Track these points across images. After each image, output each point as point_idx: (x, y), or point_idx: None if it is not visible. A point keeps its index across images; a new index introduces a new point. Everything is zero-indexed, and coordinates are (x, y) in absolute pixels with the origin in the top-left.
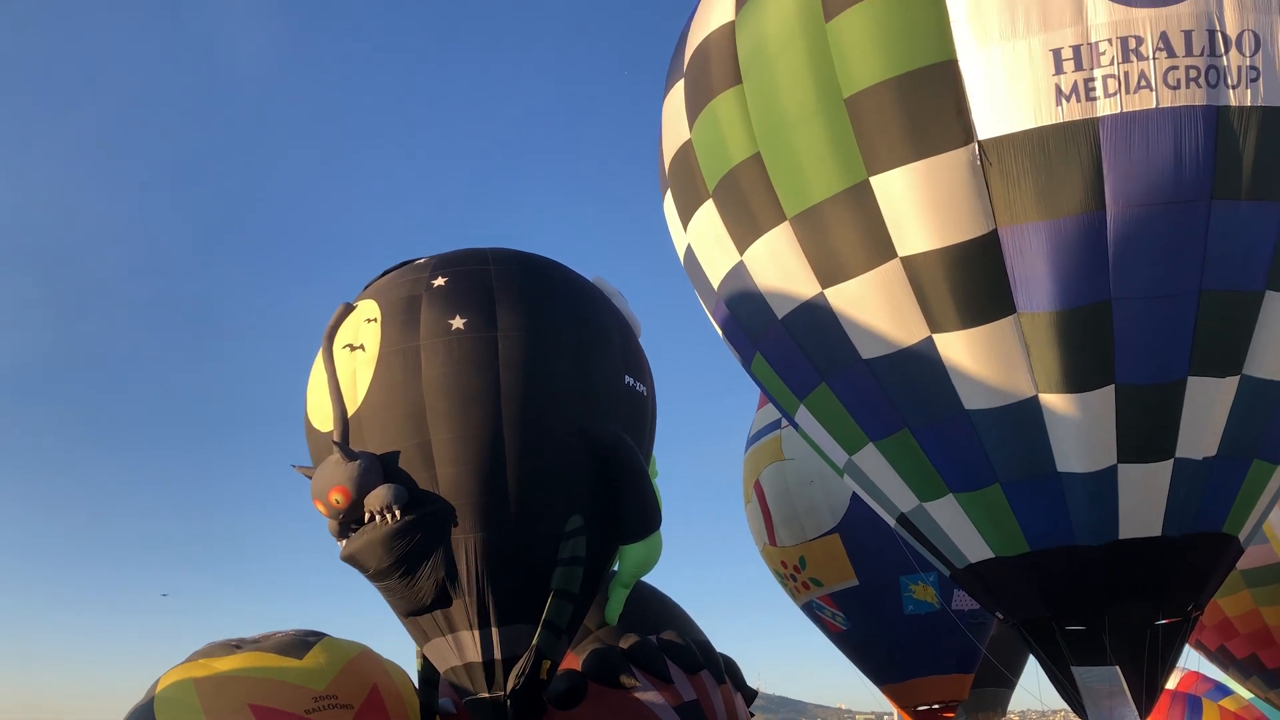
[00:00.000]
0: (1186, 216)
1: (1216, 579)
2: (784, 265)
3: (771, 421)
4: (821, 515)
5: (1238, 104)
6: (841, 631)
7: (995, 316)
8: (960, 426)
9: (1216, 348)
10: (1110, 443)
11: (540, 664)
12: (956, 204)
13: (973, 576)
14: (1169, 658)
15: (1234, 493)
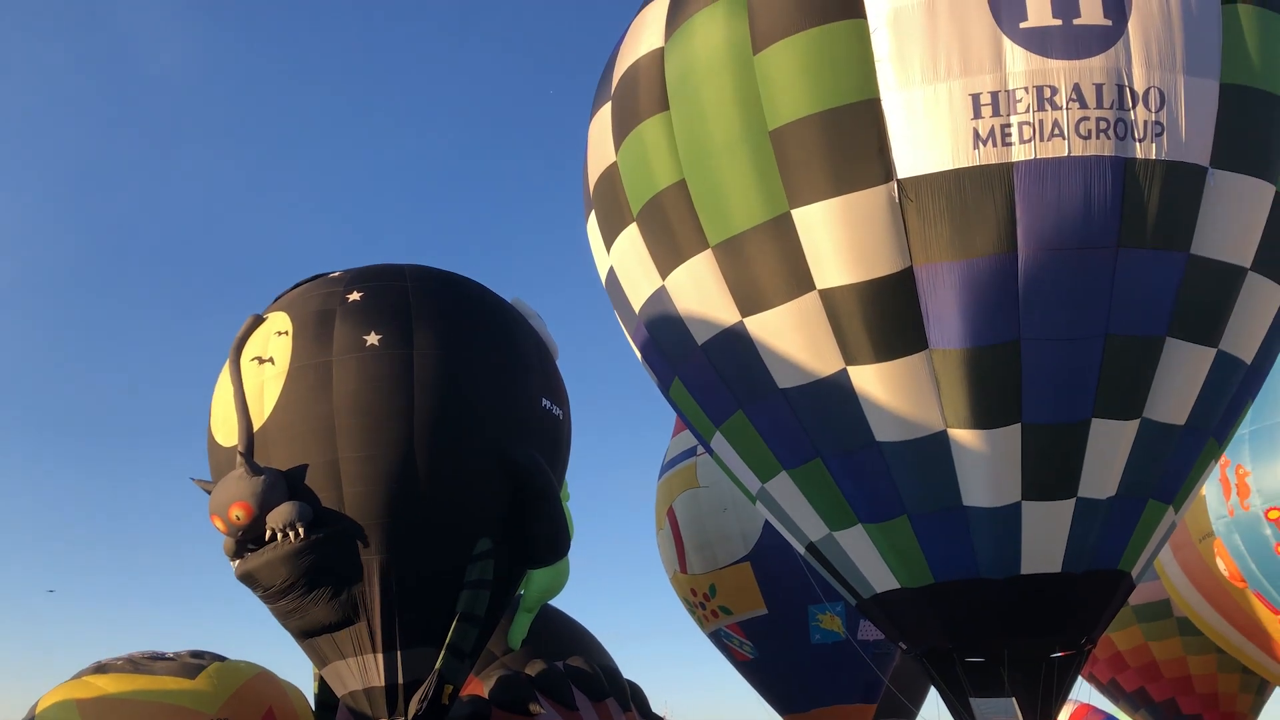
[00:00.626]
0: (1094, 262)
1: (1110, 614)
2: (705, 292)
3: (687, 449)
4: (734, 543)
5: (1143, 156)
6: (749, 660)
7: (908, 351)
8: (871, 458)
9: (1119, 391)
10: (1015, 479)
11: (442, 689)
12: (874, 240)
13: (878, 606)
14: (1063, 689)
15: (1130, 531)
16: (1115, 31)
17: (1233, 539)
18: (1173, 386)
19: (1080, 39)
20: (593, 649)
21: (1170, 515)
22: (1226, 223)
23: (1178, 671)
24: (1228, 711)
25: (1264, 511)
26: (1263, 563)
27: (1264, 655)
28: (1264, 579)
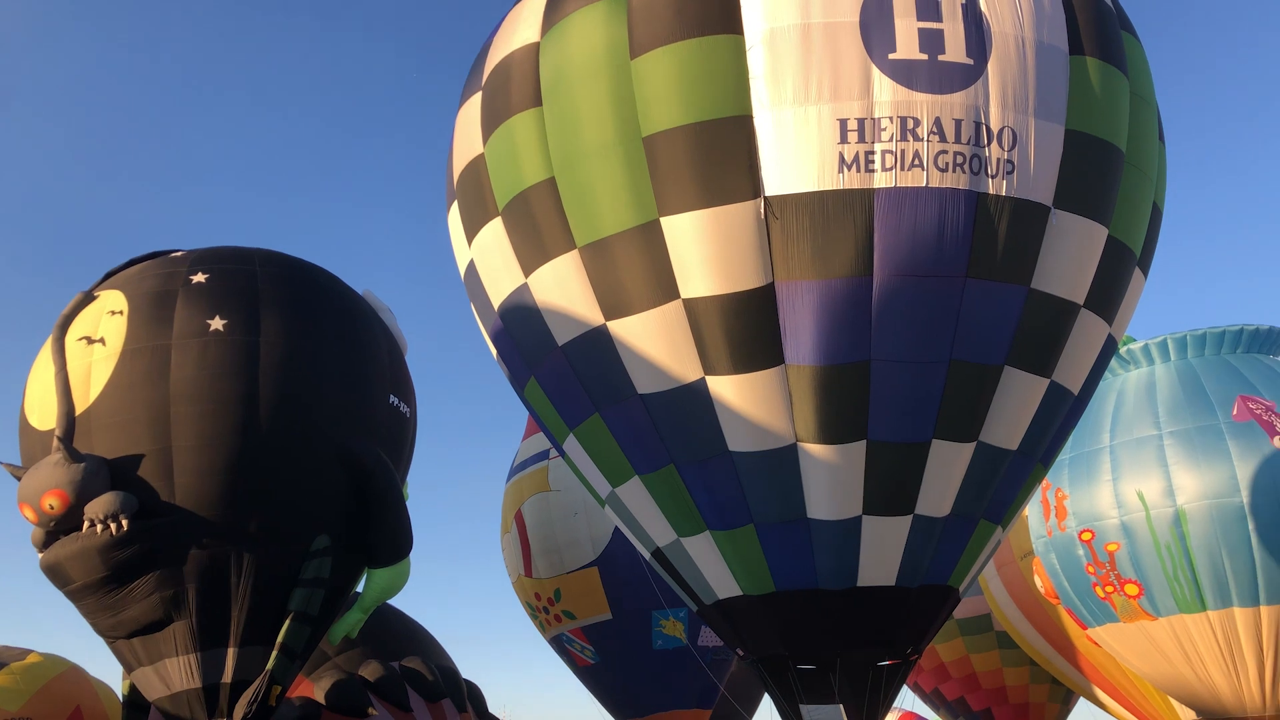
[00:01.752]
0: (944, 290)
1: (937, 626)
2: (569, 293)
3: (539, 452)
4: (582, 548)
5: (994, 192)
6: (589, 665)
7: (765, 365)
8: (723, 467)
9: (959, 414)
10: (858, 494)
11: (270, 690)
12: (739, 254)
13: (719, 613)
14: (888, 697)
15: (961, 549)
16: (976, 71)
17: (1049, 558)
18: (1008, 413)
19: (944, 75)
20: (431, 649)
21: (998, 534)
22: (1064, 261)
23: (995, 682)
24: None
25: (1078, 533)
26: (1074, 581)
27: (1071, 668)
28: (1075, 596)
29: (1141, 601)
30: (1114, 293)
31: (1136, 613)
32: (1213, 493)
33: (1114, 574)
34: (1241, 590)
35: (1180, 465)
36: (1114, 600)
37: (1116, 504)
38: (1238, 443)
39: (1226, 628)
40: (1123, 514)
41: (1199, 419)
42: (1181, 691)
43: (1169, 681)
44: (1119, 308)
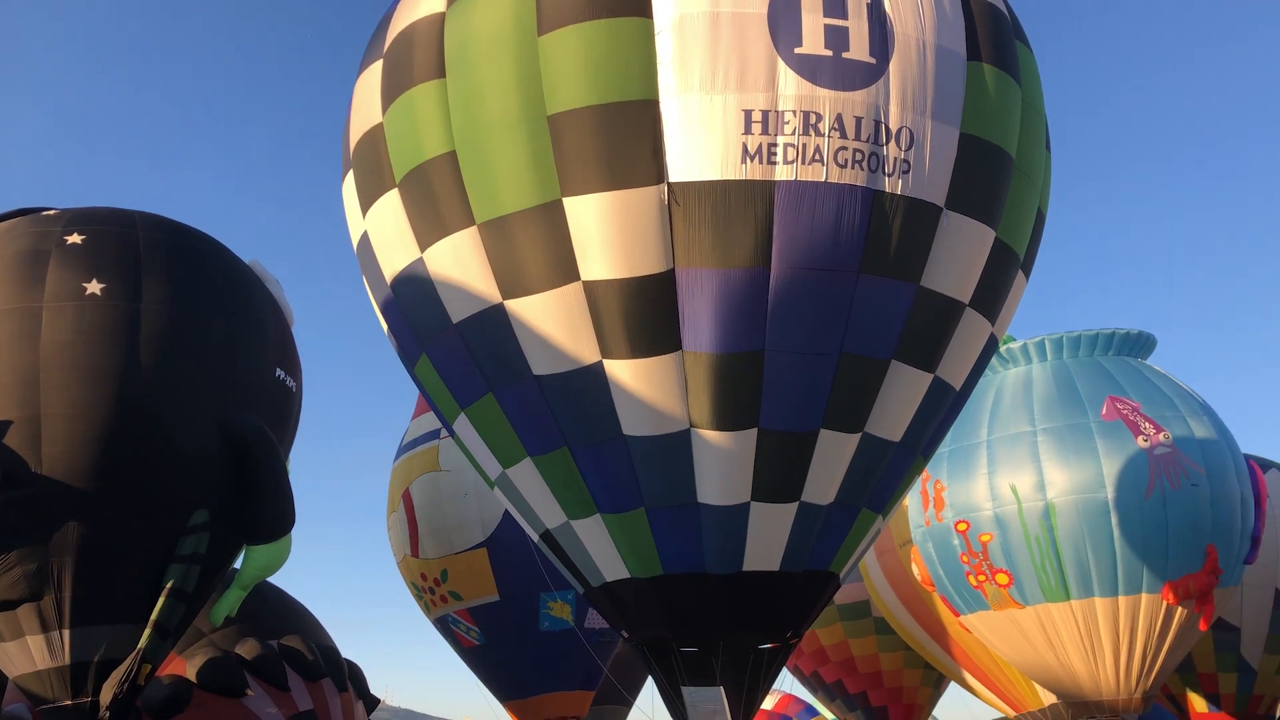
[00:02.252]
0: (838, 284)
1: (817, 611)
2: (466, 269)
3: (429, 431)
4: (471, 529)
5: (890, 191)
6: (474, 646)
7: (662, 351)
8: (617, 450)
9: (847, 406)
10: (747, 481)
11: (139, 669)
12: (641, 239)
13: (606, 595)
14: (768, 680)
15: (844, 536)
16: (878, 70)
17: (927, 547)
18: (893, 406)
19: (847, 72)
20: (310, 628)
21: (879, 523)
22: (953, 260)
23: (871, 666)
24: (909, 703)
25: (954, 524)
26: (949, 570)
27: (943, 653)
28: (949, 584)
29: (1011, 590)
30: (998, 293)
31: (1006, 601)
32: (1080, 488)
33: (986, 564)
34: (1102, 581)
35: (1051, 461)
36: (985, 589)
37: (991, 497)
38: (1105, 441)
39: (1088, 616)
40: (996, 506)
41: (1070, 417)
42: (1044, 676)
43: (1033, 667)
44: (1002, 308)
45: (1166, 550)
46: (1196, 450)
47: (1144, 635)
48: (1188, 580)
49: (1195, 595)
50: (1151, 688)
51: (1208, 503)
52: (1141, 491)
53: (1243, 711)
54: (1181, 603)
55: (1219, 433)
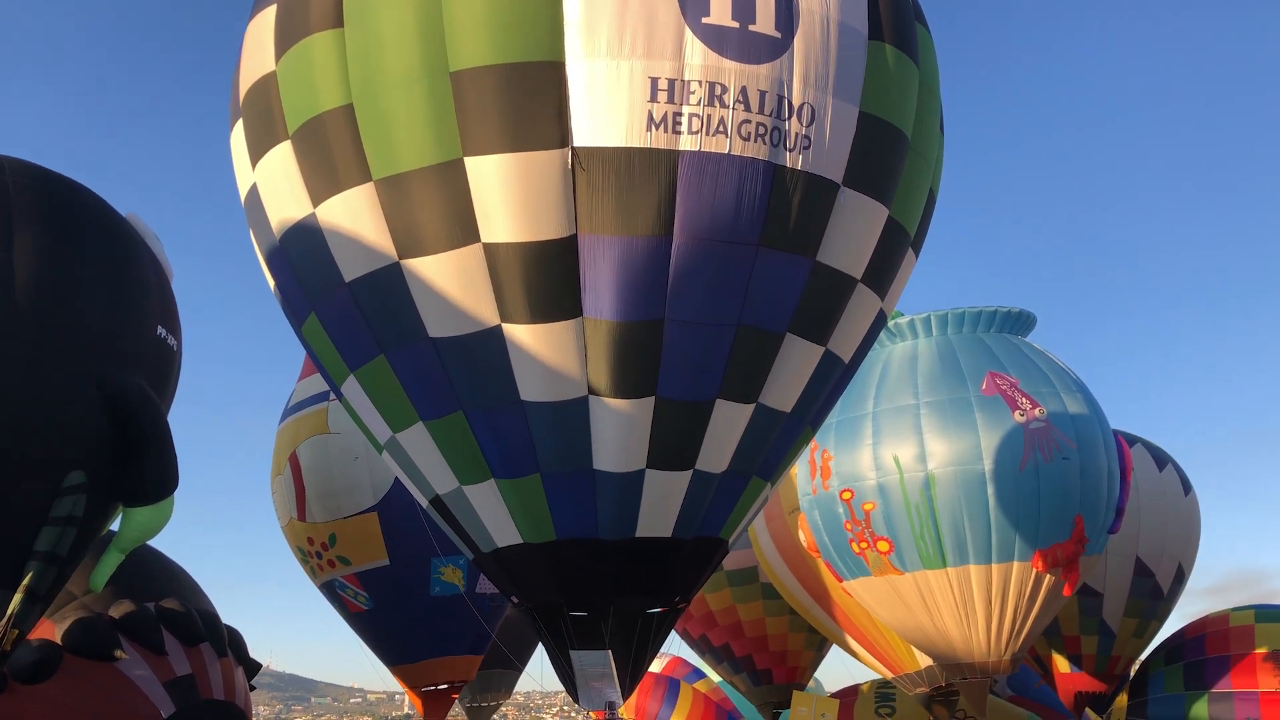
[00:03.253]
0: (738, 257)
1: (706, 576)
2: (361, 227)
3: (319, 392)
4: (362, 493)
5: (791, 166)
6: (362, 612)
7: (562, 317)
8: (514, 416)
9: (743, 377)
10: (643, 449)
11: (8, 634)
12: (544, 203)
13: (497, 561)
14: (656, 644)
15: (734, 504)
16: (783, 45)
17: (813, 514)
18: (785, 377)
19: (752, 45)
20: (189, 591)
21: (767, 490)
22: (848, 237)
23: (757, 631)
24: (793, 665)
25: (839, 492)
26: (833, 537)
27: (827, 617)
28: (833, 550)
29: (891, 557)
30: (888, 270)
31: (886, 567)
32: (959, 459)
33: (869, 531)
34: (977, 549)
35: (933, 433)
36: (867, 556)
37: (875, 467)
38: (984, 415)
39: (962, 583)
40: (879, 476)
41: (952, 391)
42: (921, 640)
43: (911, 631)
44: (892, 284)
45: (1038, 520)
46: (1069, 425)
47: (1014, 601)
48: (1056, 549)
49: (1063, 563)
50: (1020, 650)
51: (1077, 475)
52: (1016, 463)
53: (1101, 671)
54: (1050, 570)
55: (1090, 408)
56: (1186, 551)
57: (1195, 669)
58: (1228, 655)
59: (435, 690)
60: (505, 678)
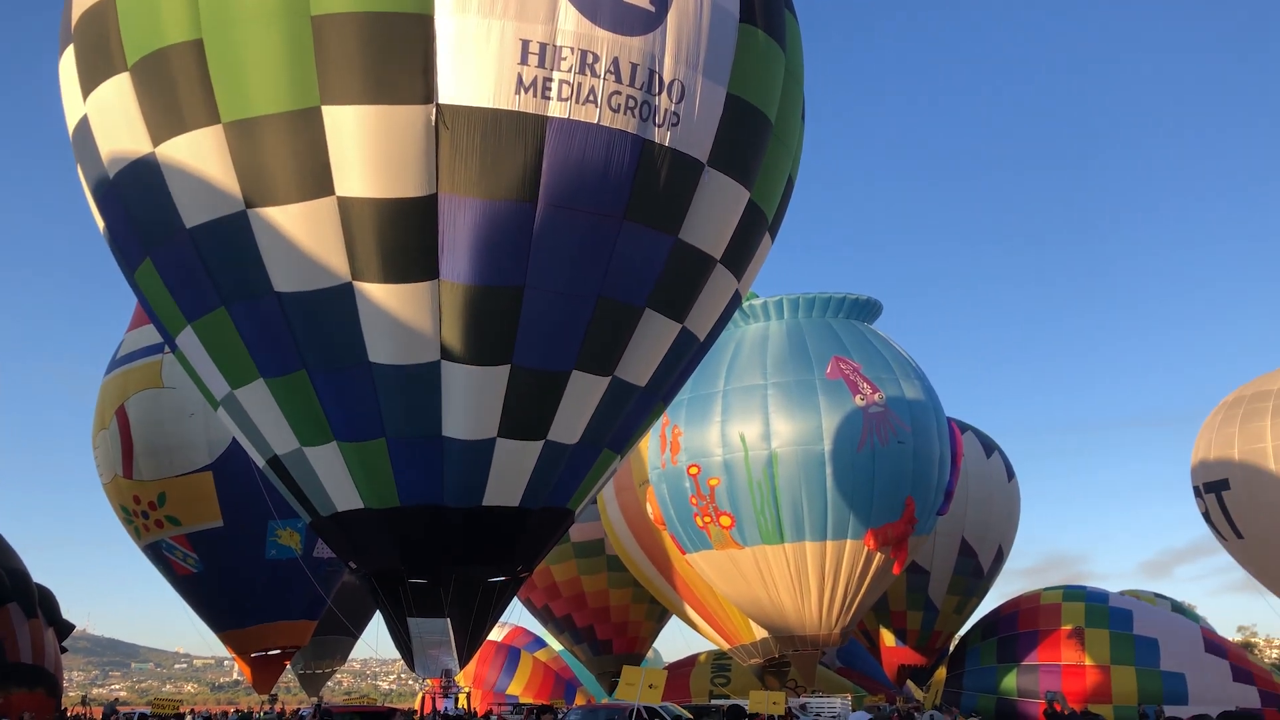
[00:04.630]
0: (602, 228)
1: (550, 546)
2: (207, 171)
3: (152, 344)
4: (196, 451)
5: (659, 142)
6: (190, 574)
7: (418, 278)
8: (361, 378)
9: (600, 349)
10: (496, 417)
11: None
12: (405, 159)
13: (336, 525)
14: (496, 612)
15: (584, 475)
16: (656, 19)
17: (661, 488)
18: (642, 352)
19: (626, 17)
20: None
21: (617, 462)
22: (710, 217)
23: (600, 602)
24: (633, 636)
25: (687, 467)
26: (679, 510)
27: (669, 588)
28: (678, 523)
29: (733, 532)
30: (746, 252)
31: (727, 542)
32: (801, 439)
33: (712, 506)
34: (814, 527)
35: (778, 413)
36: (710, 530)
37: (722, 443)
38: (827, 398)
39: (798, 559)
40: (726, 453)
41: (799, 374)
42: (757, 612)
43: (748, 604)
44: (748, 266)
45: (871, 501)
46: (906, 411)
47: (846, 577)
48: (887, 528)
49: (893, 542)
50: (850, 624)
51: (911, 459)
52: (854, 446)
53: (924, 645)
54: (880, 549)
55: (927, 395)
56: (1007, 534)
57: (1008, 643)
58: (1037, 631)
59: (265, 656)
60: (340, 644)
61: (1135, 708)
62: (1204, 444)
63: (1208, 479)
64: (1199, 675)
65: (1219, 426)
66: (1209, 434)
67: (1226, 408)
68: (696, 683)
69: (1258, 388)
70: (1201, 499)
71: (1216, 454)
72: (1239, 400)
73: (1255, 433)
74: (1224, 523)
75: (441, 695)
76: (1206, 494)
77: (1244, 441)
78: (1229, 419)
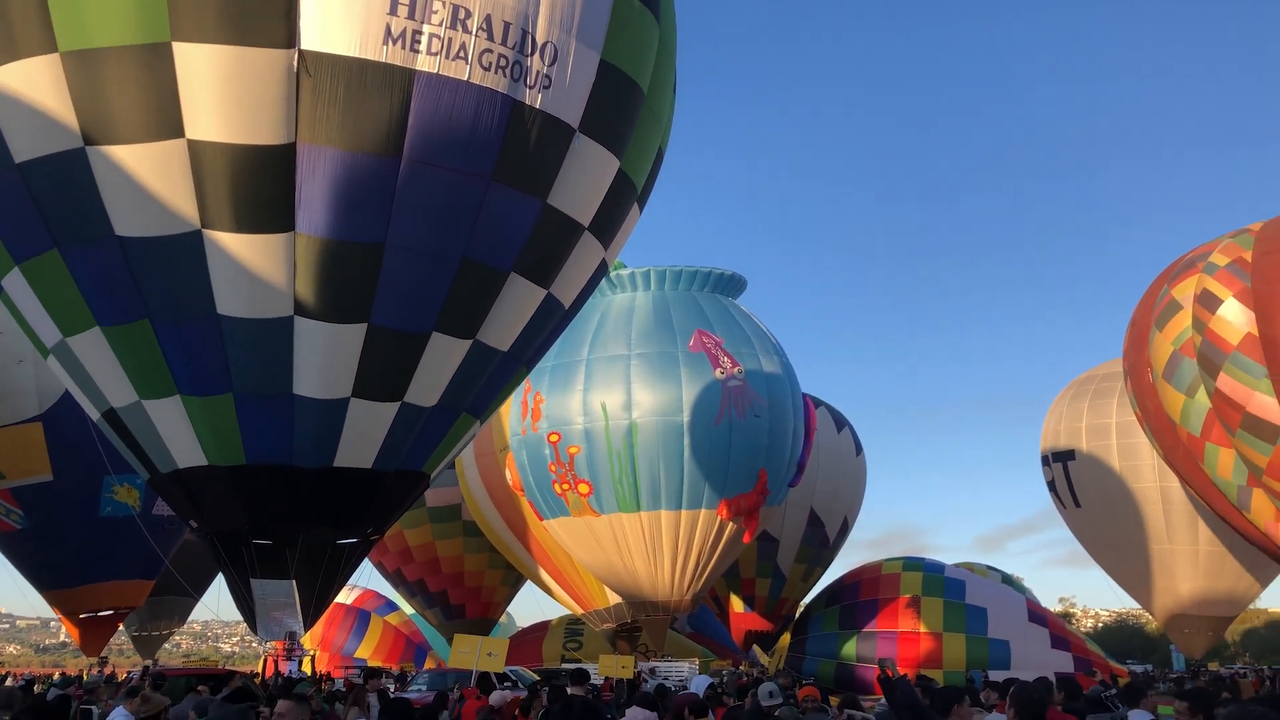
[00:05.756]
0: (469, 188)
1: (403, 509)
2: (41, 102)
3: None
4: (24, 400)
5: (530, 104)
6: (14, 531)
7: (273, 229)
8: (208, 329)
9: (462, 312)
10: (350, 377)
11: None
12: (263, 105)
13: (178, 483)
14: (344, 575)
15: (440, 438)
16: None
17: (521, 454)
18: (505, 316)
19: None
20: None
21: (475, 427)
22: (579, 183)
23: (455, 567)
24: (487, 601)
25: (547, 434)
26: (538, 477)
27: (526, 554)
28: (537, 490)
29: (590, 500)
30: (614, 221)
31: (585, 509)
32: (661, 410)
33: (571, 474)
34: (669, 496)
35: (640, 384)
36: (568, 497)
37: (583, 412)
38: (688, 370)
39: (653, 527)
40: (587, 422)
41: (662, 345)
42: (612, 578)
43: (603, 570)
44: (616, 235)
45: (726, 472)
46: (763, 385)
47: (699, 545)
48: (740, 499)
49: (745, 512)
50: (701, 591)
51: (766, 432)
52: (712, 418)
53: (771, 612)
54: (733, 518)
55: (785, 371)
56: (853, 506)
57: (849, 611)
58: (877, 600)
59: (96, 617)
60: (179, 605)
61: (963, 672)
62: (1056, 416)
63: (1056, 448)
64: (1022, 642)
65: (1071, 401)
66: (1061, 407)
67: (1079, 384)
68: (549, 647)
69: (1109, 369)
70: (1049, 467)
71: (1067, 425)
72: (1091, 378)
73: (1104, 409)
74: (1066, 492)
75: (285, 658)
76: (1054, 463)
77: (1092, 417)
78: (1080, 395)
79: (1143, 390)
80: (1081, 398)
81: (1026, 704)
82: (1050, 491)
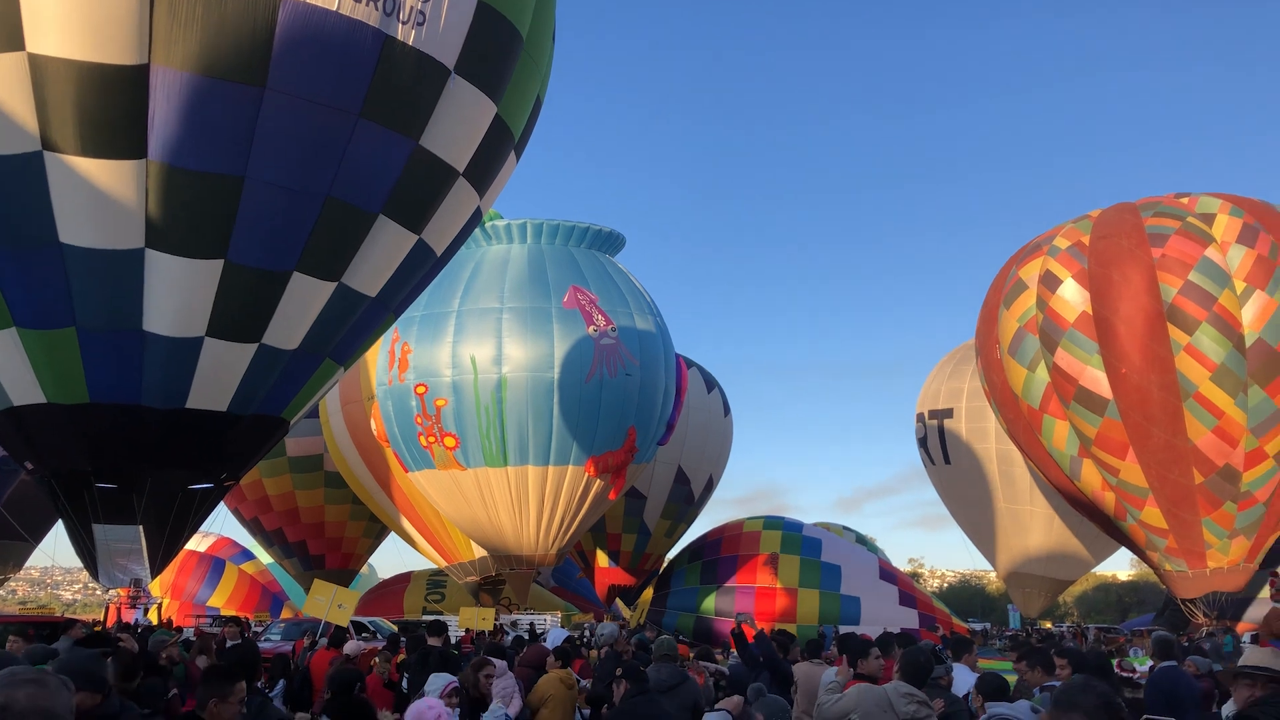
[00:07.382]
0: (335, 123)
1: (260, 455)
2: None
3: None
4: None
5: (402, 39)
6: None
7: (123, 156)
8: (50, 258)
9: (326, 252)
10: (205, 315)
11: None
12: (114, 21)
13: (11, 421)
14: (196, 521)
15: (302, 384)
16: None
17: (386, 404)
18: (373, 260)
19: None
20: None
21: (339, 373)
22: (454, 126)
23: (315, 517)
24: (348, 552)
25: (414, 386)
26: (403, 428)
27: (390, 505)
28: (402, 441)
29: (457, 453)
30: (490, 168)
31: (451, 462)
32: (532, 365)
33: (438, 426)
34: (537, 452)
35: (512, 338)
36: (434, 450)
37: (452, 364)
38: (561, 326)
39: (520, 482)
40: (455, 374)
41: (535, 300)
42: (477, 532)
43: (469, 523)
44: (492, 183)
45: (595, 429)
46: (636, 344)
47: (565, 501)
48: (608, 456)
49: (612, 469)
50: (566, 545)
51: (637, 390)
52: (584, 375)
53: (635, 566)
54: (600, 475)
55: (659, 331)
56: (719, 465)
57: (710, 567)
58: (737, 556)
59: None
60: (14, 549)
61: (816, 626)
62: (940, 375)
63: (934, 407)
64: (872, 599)
65: (957, 362)
66: (948, 366)
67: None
68: (411, 599)
69: None
70: (924, 424)
71: (949, 386)
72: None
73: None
74: (938, 448)
75: (130, 606)
76: (930, 420)
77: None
78: (967, 358)
79: (991, 365)
80: (968, 360)
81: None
82: (920, 448)
